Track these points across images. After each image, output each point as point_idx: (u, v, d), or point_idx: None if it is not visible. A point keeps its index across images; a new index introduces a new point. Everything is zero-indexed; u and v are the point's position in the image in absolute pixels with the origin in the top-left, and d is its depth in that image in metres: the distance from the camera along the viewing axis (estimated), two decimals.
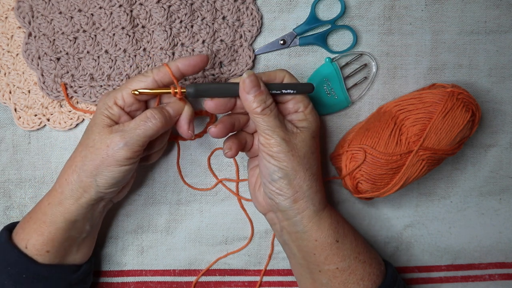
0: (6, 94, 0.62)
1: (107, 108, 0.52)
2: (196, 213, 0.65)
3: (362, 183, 0.58)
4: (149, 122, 0.52)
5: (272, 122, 0.52)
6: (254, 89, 0.52)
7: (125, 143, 0.51)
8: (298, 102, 0.54)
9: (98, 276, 0.65)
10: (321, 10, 0.63)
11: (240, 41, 0.62)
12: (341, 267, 0.55)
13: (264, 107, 0.52)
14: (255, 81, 0.52)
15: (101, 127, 0.52)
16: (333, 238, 0.55)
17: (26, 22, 0.60)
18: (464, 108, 0.57)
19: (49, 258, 0.54)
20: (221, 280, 0.65)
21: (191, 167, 0.64)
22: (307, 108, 0.55)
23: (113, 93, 0.53)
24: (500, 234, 0.67)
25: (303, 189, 0.53)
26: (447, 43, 0.64)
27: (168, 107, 0.54)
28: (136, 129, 0.51)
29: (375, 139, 0.58)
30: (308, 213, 0.54)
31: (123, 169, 0.52)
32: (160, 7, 0.59)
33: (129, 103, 0.53)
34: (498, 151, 0.66)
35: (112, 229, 0.64)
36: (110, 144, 0.51)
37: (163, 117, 0.52)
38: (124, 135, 0.51)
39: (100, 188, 0.52)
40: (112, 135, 0.51)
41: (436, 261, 0.67)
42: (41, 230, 0.54)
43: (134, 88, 0.52)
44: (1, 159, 0.63)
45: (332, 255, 0.55)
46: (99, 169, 0.51)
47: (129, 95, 0.52)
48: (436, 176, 0.66)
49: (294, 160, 0.52)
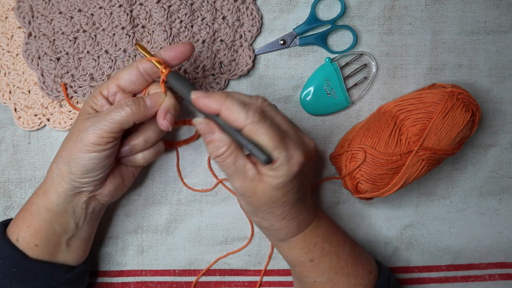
0: (6, 94, 0.62)
1: (91, 98, 0.53)
2: (196, 213, 0.65)
3: (362, 183, 0.58)
4: (121, 109, 0.50)
5: (227, 170, 0.49)
6: (206, 135, 0.49)
7: (93, 128, 0.50)
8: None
9: (98, 276, 0.65)
10: (321, 10, 0.63)
11: (240, 41, 0.62)
12: (320, 281, 0.55)
13: (216, 155, 0.48)
14: (204, 130, 0.48)
15: (83, 117, 0.52)
16: (305, 258, 0.55)
17: (26, 22, 0.60)
18: (464, 108, 0.57)
19: (38, 252, 0.54)
20: (221, 280, 0.65)
21: (191, 167, 0.64)
22: (276, 162, 0.47)
23: (98, 86, 0.54)
24: (500, 234, 0.67)
25: (264, 225, 0.53)
26: (447, 43, 0.64)
27: (146, 98, 0.52)
28: (106, 115, 0.50)
29: (375, 139, 0.58)
30: (273, 238, 0.55)
31: (92, 156, 0.51)
32: (160, 7, 0.59)
33: (113, 92, 0.52)
34: (498, 151, 0.66)
35: (112, 229, 0.64)
36: (81, 129, 0.51)
37: (137, 107, 0.51)
38: (94, 120, 0.50)
39: (74, 176, 0.52)
40: (86, 120, 0.51)
41: (436, 261, 0.67)
42: (29, 221, 0.54)
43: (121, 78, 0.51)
44: (1, 159, 0.63)
45: (307, 271, 0.55)
46: (71, 156, 0.51)
47: (113, 84, 0.52)
48: (436, 176, 0.66)
49: (254, 204, 0.50)
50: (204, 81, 0.62)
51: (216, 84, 0.62)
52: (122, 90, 0.52)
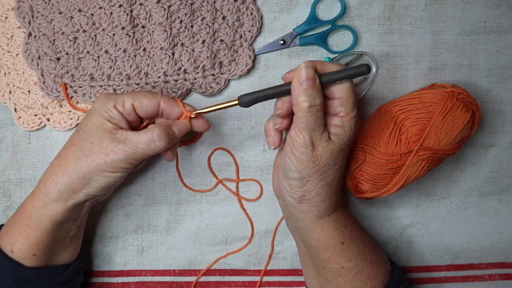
0: (6, 94, 0.62)
1: (106, 110, 0.51)
2: (196, 213, 0.65)
3: (362, 183, 0.58)
4: (153, 143, 0.51)
5: (312, 123, 0.49)
6: (307, 81, 0.49)
7: (125, 157, 0.50)
8: (341, 105, 0.50)
9: (98, 276, 0.65)
10: (321, 10, 0.63)
11: (240, 41, 0.62)
12: (346, 266, 0.55)
13: (311, 105, 0.49)
14: (311, 74, 0.49)
15: (101, 130, 0.51)
16: (337, 240, 0.55)
17: (26, 22, 0.60)
18: (464, 108, 0.57)
19: (36, 261, 0.53)
20: (221, 280, 0.65)
21: (191, 167, 0.64)
22: (348, 115, 0.50)
23: (113, 96, 0.52)
24: (500, 234, 0.67)
25: (311, 195, 0.53)
26: (447, 43, 0.64)
27: (175, 127, 0.53)
28: (138, 147, 0.50)
29: (375, 139, 0.58)
30: (310, 215, 0.54)
31: (118, 175, 0.51)
32: (160, 7, 0.59)
33: (128, 112, 0.52)
34: (498, 151, 0.66)
35: (112, 229, 0.64)
36: (110, 153, 0.50)
37: (168, 141, 0.51)
38: (125, 148, 0.50)
39: (92, 191, 0.52)
40: (113, 144, 0.50)
41: (436, 261, 0.67)
42: (26, 234, 0.52)
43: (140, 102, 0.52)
44: (1, 159, 0.63)
45: (336, 255, 0.55)
46: (93, 173, 0.51)
47: (129, 104, 0.51)
48: (436, 176, 0.66)
49: (313, 167, 0.51)
50: (204, 81, 0.62)
51: (216, 84, 0.62)
52: (134, 111, 0.52)
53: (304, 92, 0.49)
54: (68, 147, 0.52)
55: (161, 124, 0.52)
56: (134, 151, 0.50)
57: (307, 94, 0.48)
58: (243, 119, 0.63)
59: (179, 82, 0.61)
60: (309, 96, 0.49)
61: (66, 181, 0.51)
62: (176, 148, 0.55)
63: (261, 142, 0.64)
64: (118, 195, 0.64)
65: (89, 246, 0.64)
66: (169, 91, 0.61)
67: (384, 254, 0.60)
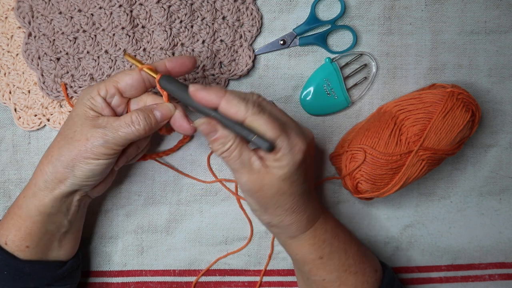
0: (6, 94, 0.62)
1: (89, 98, 0.51)
2: (196, 213, 0.65)
3: (362, 183, 0.58)
4: (132, 126, 0.50)
5: (233, 165, 0.48)
6: (209, 134, 0.48)
7: (104, 141, 0.50)
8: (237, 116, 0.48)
9: (98, 276, 0.65)
10: (321, 10, 0.63)
11: (240, 41, 0.62)
12: (328, 279, 0.55)
13: (222, 152, 0.48)
14: (207, 129, 0.48)
15: (83, 118, 0.51)
16: (315, 255, 0.55)
17: (26, 22, 0.60)
18: (464, 108, 0.57)
19: (29, 253, 0.54)
20: (221, 280, 0.65)
21: (191, 167, 0.64)
22: (279, 151, 0.47)
23: (96, 84, 0.52)
24: (500, 234, 0.67)
25: (274, 221, 0.52)
26: (447, 43, 0.64)
27: (156, 110, 0.52)
28: (118, 130, 0.50)
29: (375, 139, 0.58)
30: (284, 236, 0.55)
31: (101, 162, 0.51)
32: (160, 7, 0.59)
33: (111, 94, 0.51)
34: (498, 151, 0.66)
35: (112, 229, 0.64)
36: (90, 138, 0.50)
37: (148, 124, 0.51)
38: (105, 132, 0.50)
39: (77, 179, 0.51)
40: (93, 129, 0.50)
41: (436, 261, 0.67)
42: (18, 225, 0.53)
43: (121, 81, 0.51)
44: (1, 159, 0.63)
45: (316, 269, 0.55)
46: (76, 161, 0.50)
47: (111, 86, 0.51)
48: (436, 176, 0.66)
49: (262, 199, 0.50)
50: (204, 81, 0.62)
51: (216, 84, 0.62)
52: (120, 93, 0.52)
53: (212, 143, 0.48)
54: (55, 138, 0.53)
55: (141, 108, 0.52)
56: (114, 135, 0.50)
57: (215, 144, 0.48)
58: None
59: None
60: (218, 145, 0.48)
61: (51, 170, 0.51)
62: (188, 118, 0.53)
63: None
64: (118, 195, 0.64)
65: (89, 246, 0.64)
66: None
67: (373, 261, 0.58)
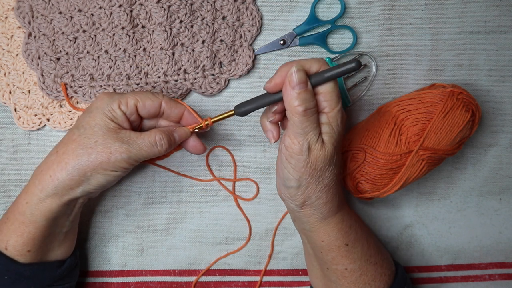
0: (6, 94, 0.62)
1: (110, 110, 0.52)
2: (196, 213, 0.65)
3: (362, 183, 0.58)
4: (155, 147, 0.52)
5: (309, 126, 0.49)
6: (300, 85, 0.48)
7: (128, 157, 0.51)
8: (325, 100, 0.50)
9: (98, 276, 0.65)
10: (321, 10, 0.63)
11: (240, 41, 0.62)
12: (350, 268, 0.55)
13: (306, 108, 0.48)
14: (302, 78, 0.48)
15: (105, 129, 0.51)
16: (341, 242, 0.55)
17: (26, 22, 0.60)
18: (464, 108, 0.57)
19: (30, 257, 0.54)
20: (221, 280, 0.65)
21: (191, 167, 0.64)
22: (333, 110, 0.50)
23: (116, 96, 0.53)
24: (500, 234, 0.67)
25: (312, 200, 0.53)
26: (447, 43, 0.64)
27: (176, 133, 0.54)
28: (141, 149, 0.52)
29: (375, 139, 0.58)
30: (314, 218, 0.54)
31: (118, 174, 0.52)
32: (160, 7, 0.59)
33: (131, 112, 0.53)
34: (498, 151, 0.66)
35: (112, 229, 0.64)
36: (114, 152, 0.51)
37: (169, 145, 0.53)
38: (129, 149, 0.51)
39: (90, 187, 0.52)
40: (116, 143, 0.51)
41: (436, 261, 0.67)
42: (21, 231, 0.52)
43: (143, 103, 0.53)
44: (1, 159, 0.63)
45: (340, 257, 0.55)
46: (94, 171, 0.51)
47: (133, 104, 0.53)
48: (436, 176, 0.66)
49: (310, 172, 0.51)
50: (204, 81, 0.62)
51: (216, 84, 0.62)
52: (136, 111, 0.54)
53: (298, 96, 0.48)
54: (67, 143, 0.52)
55: (164, 129, 0.54)
56: (137, 152, 0.52)
57: (301, 98, 0.48)
58: (243, 119, 0.63)
59: (179, 82, 0.61)
60: (303, 100, 0.48)
61: (64, 177, 0.51)
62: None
63: (261, 142, 0.64)
64: (118, 195, 0.64)
65: (88, 246, 0.64)
66: (169, 91, 0.61)
67: (388, 254, 0.60)
